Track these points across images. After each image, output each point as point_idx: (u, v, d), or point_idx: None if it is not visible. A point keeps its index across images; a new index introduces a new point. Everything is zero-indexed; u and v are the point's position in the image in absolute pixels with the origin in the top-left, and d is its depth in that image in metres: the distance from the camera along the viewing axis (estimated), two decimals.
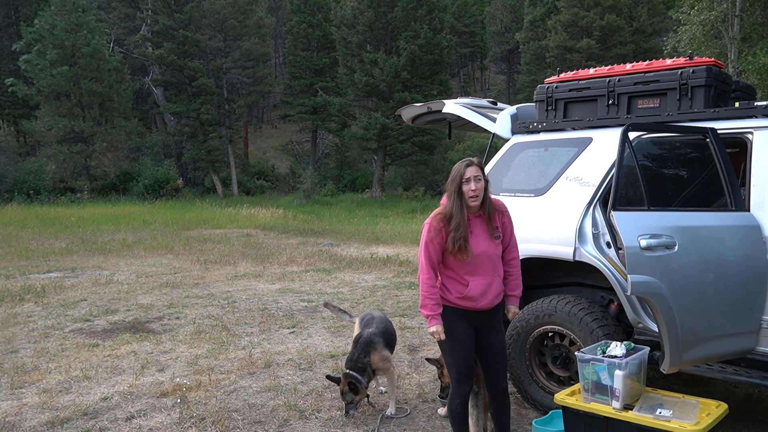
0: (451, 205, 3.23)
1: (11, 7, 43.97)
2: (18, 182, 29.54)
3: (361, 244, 14.19)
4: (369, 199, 29.67)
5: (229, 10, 32.90)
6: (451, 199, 3.24)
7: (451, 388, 3.45)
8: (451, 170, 3.29)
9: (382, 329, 4.43)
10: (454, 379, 3.41)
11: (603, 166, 4.04)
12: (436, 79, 29.74)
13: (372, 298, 8.20)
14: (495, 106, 5.37)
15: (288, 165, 40.59)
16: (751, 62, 16.53)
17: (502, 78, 55.95)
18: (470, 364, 3.39)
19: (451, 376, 3.43)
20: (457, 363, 3.37)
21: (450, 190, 3.25)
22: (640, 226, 3.30)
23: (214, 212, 22.91)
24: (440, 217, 3.25)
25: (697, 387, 4.68)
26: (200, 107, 33.17)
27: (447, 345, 3.36)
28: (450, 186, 3.25)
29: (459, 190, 3.22)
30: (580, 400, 3.48)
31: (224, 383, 4.94)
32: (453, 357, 3.38)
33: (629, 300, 3.82)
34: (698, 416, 3.21)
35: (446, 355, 3.45)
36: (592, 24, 31.47)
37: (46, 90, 29.93)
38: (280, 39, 51.89)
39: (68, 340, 6.29)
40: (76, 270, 10.62)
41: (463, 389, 3.40)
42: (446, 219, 3.23)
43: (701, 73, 3.90)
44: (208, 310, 7.57)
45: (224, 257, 11.97)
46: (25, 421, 4.27)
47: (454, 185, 3.23)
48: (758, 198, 3.59)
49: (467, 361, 3.37)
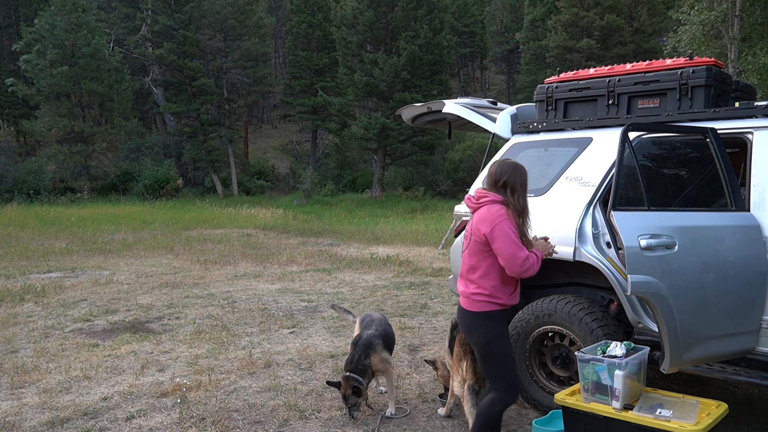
0: (523, 199, 3.22)
1: (11, 7, 43.94)
2: (18, 182, 29.54)
3: (361, 244, 14.19)
4: (369, 199, 29.66)
5: (229, 10, 32.91)
6: (517, 193, 3.20)
7: (495, 393, 3.27)
8: (511, 166, 3.25)
9: (381, 331, 4.43)
10: (508, 386, 3.26)
11: (603, 166, 4.04)
12: (436, 79, 29.73)
13: (372, 298, 8.20)
14: (495, 106, 5.38)
15: (288, 165, 40.60)
16: (751, 62, 16.53)
17: (502, 78, 55.96)
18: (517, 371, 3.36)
19: (503, 385, 3.26)
20: (511, 369, 3.28)
21: (517, 184, 3.20)
22: (640, 226, 3.30)
23: (214, 212, 22.91)
24: (512, 213, 3.19)
25: (697, 387, 4.68)
26: (200, 107, 33.17)
27: (501, 350, 3.25)
28: (517, 181, 3.20)
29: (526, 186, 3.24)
30: (580, 400, 3.48)
31: (224, 383, 4.94)
32: (507, 362, 3.26)
33: (629, 300, 3.82)
34: (698, 416, 3.21)
35: (498, 363, 3.24)
36: (592, 24, 31.49)
37: (46, 90, 29.91)
38: (280, 39, 51.88)
39: (68, 340, 6.29)
40: (76, 270, 10.62)
41: (512, 398, 3.32)
42: (516, 213, 3.20)
43: (701, 73, 3.90)
44: (208, 310, 7.57)
45: (224, 257, 11.97)
46: (25, 421, 4.27)
47: (522, 180, 3.22)
48: (758, 198, 3.59)
49: (516, 366, 3.35)
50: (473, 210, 3.28)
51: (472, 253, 3.23)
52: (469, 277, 3.27)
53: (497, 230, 3.09)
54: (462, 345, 3.77)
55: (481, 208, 3.22)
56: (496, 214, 3.13)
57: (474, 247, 3.21)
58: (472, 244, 3.22)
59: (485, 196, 3.23)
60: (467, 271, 3.28)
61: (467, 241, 3.29)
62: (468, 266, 3.27)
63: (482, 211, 3.20)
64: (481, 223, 3.16)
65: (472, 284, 3.24)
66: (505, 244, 3.08)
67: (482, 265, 3.20)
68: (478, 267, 3.21)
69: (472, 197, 3.31)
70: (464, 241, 3.35)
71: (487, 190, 3.29)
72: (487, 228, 3.12)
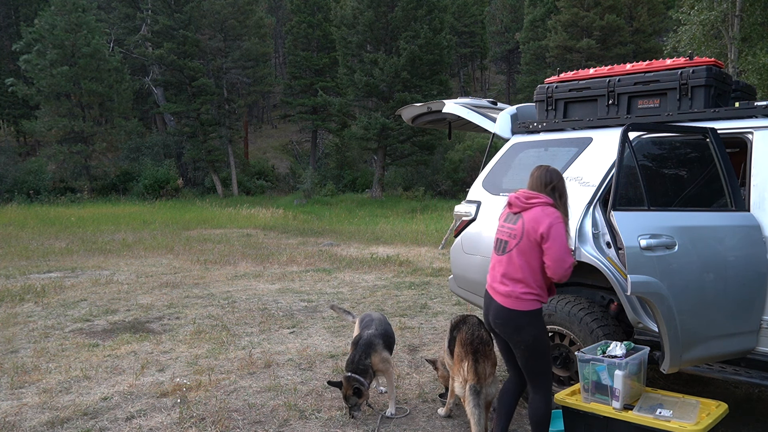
0: (567, 205, 3.36)
1: (11, 7, 43.95)
2: (18, 182, 29.54)
3: (361, 244, 14.18)
4: (369, 199, 29.66)
5: (229, 10, 32.91)
6: (564, 199, 3.34)
7: (541, 392, 3.33)
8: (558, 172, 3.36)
9: (381, 331, 4.43)
10: (550, 382, 3.37)
11: (603, 166, 4.04)
12: (436, 79, 29.74)
13: (372, 298, 8.20)
14: (495, 106, 5.38)
15: (288, 165, 40.59)
16: (751, 62, 16.53)
17: (502, 78, 55.97)
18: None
19: (546, 381, 3.34)
20: (551, 364, 3.44)
21: (564, 191, 3.34)
22: (640, 226, 3.30)
23: (214, 212, 22.91)
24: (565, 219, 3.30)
25: (697, 387, 4.68)
26: (200, 107, 33.18)
27: (546, 346, 3.35)
28: (564, 187, 3.35)
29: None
30: (580, 400, 3.48)
31: (224, 383, 4.94)
32: (549, 357, 3.41)
33: (629, 300, 3.82)
34: (698, 416, 3.21)
35: (543, 358, 3.32)
36: (592, 24, 31.50)
37: (46, 90, 29.92)
38: (280, 39, 51.89)
39: (68, 340, 6.29)
40: (76, 270, 10.62)
41: (551, 384, 3.43)
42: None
43: (701, 73, 3.90)
44: (208, 310, 7.57)
45: (224, 257, 11.97)
46: (25, 421, 4.27)
47: (565, 187, 3.37)
48: (758, 198, 3.59)
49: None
50: (521, 210, 3.28)
51: (522, 252, 3.22)
52: (515, 276, 3.24)
53: (554, 231, 3.15)
54: (463, 345, 3.77)
55: (534, 209, 3.23)
56: (554, 215, 3.20)
57: (526, 246, 3.21)
58: (524, 242, 3.21)
59: (536, 197, 3.25)
60: (514, 270, 3.25)
61: (516, 241, 3.25)
62: (516, 265, 3.24)
63: (536, 211, 3.22)
64: (537, 223, 3.18)
65: (520, 283, 3.23)
66: (559, 246, 3.15)
67: (533, 264, 3.22)
68: (528, 266, 3.22)
69: (520, 197, 3.30)
70: (510, 241, 3.29)
71: (532, 192, 3.32)
72: (544, 227, 3.16)
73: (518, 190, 3.38)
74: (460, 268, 4.94)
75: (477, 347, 3.73)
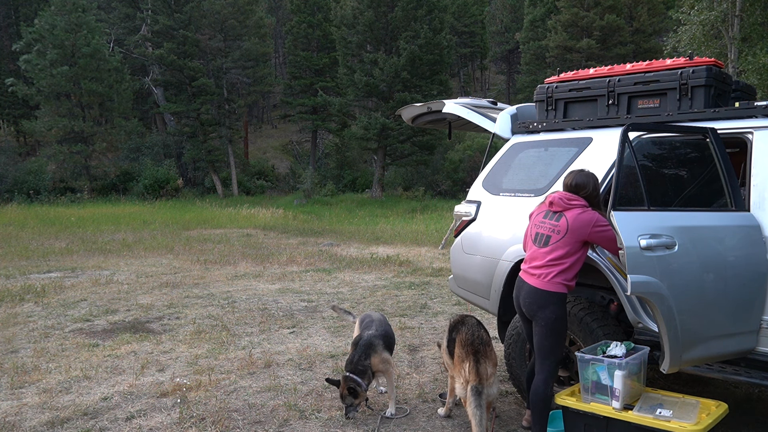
0: (600, 204, 3.70)
1: (11, 7, 43.96)
2: (18, 182, 29.53)
3: (361, 244, 14.19)
4: (369, 199, 29.66)
5: (229, 10, 32.89)
6: (599, 200, 3.68)
7: (546, 370, 3.58)
8: (594, 178, 3.66)
9: (381, 331, 4.43)
10: (557, 360, 3.66)
11: (603, 166, 4.04)
12: (436, 79, 29.73)
13: (372, 298, 8.20)
14: (495, 106, 5.38)
15: (288, 165, 40.59)
16: (751, 62, 16.52)
17: (502, 78, 55.96)
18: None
19: (555, 359, 3.61)
20: (562, 347, 3.70)
21: (602, 195, 3.74)
22: (640, 226, 3.30)
23: (214, 212, 22.91)
24: (602, 213, 3.61)
25: (697, 387, 4.68)
26: (200, 107, 33.17)
27: (563, 327, 3.61)
28: (598, 191, 3.69)
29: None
30: (580, 400, 3.48)
31: (224, 383, 4.94)
32: (562, 343, 3.68)
33: (629, 300, 3.82)
34: (698, 416, 3.21)
35: (557, 337, 3.59)
36: (592, 24, 31.48)
37: (46, 90, 29.91)
38: (280, 39, 51.87)
39: (68, 340, 6.29)
40: (76, 270, 10.62)
41: (557, 374, 3.75)
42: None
43: (701, 73, 3.90)
44: (208, 310, 7.57)
45: (224, 257, 11.97)
46: (25, 421, 4.27)
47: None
48: (758, 198, 3.58)
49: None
50: (562, 209, 3.60)
51: (564, 245, 3.55)
52: (554, 263, 3.57)
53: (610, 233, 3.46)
54: (464, 346, 3.76)
55: (575, 209, 3.57)
56: (594, 218, 3.55)
57: (569, 240, 3.54)
58: (567, 237, 3.54)
59: (576, 200, 3.61)
60: (552, 260, 3.57)
61: (559, 236, 3.56)
62: (555, 256, 3.57)
63: (578, 212, 3.56)
64: (583, 225, 3.52)
65: (555, 268, 3.56)
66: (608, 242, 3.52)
67: (573, 257, 3.55)
68: (567, 258, 3.55)
69: (563, 198, 3.62)
70: (553, 236, 3.59)
71: (570, 193, 3.65)
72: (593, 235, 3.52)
73: (556, 191, 3.73)
74: (460, 268, 4.94)
75: (477, 348, 3.73)
